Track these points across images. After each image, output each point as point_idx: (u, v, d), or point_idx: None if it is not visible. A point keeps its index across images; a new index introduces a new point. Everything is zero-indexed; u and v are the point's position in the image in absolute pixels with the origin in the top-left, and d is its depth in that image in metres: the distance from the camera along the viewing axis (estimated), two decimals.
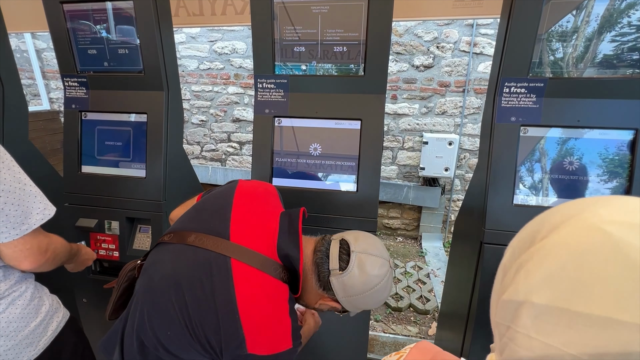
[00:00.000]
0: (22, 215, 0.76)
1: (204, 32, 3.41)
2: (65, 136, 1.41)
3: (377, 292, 0.73)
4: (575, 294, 0.26)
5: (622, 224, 0.26)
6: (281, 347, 0.65)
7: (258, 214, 0.75)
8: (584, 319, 0.25)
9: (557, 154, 1.08)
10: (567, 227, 0.29)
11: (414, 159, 3.34)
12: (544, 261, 0.28)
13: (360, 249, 0.73)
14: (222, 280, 0.65)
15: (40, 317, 0.87)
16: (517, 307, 0.29)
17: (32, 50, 3.82)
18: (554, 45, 1.04)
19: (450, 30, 2.90)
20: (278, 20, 1.14)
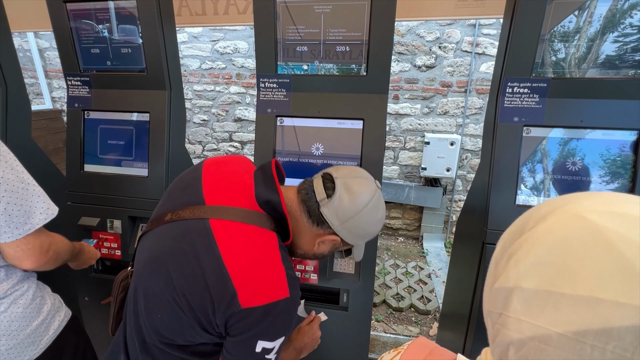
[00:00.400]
0: (25, 215, 0.76)
1: (206, 31, 3.41)
2: (68, 135, 1.41)
3: (371, 210, 0.72)
4: (561, 277, 0.27)
5: (602, 213, 0.28)
6: (277, 295, 0.61)
7: (230, 175, 0.73)
8: (568, 300, 0.26)
9: (560, 155, 1.08)
10: (553, 217, 0.31)
11: (415, 159, 3.34)
12: (532, 249, 0.30)
13: (343, 175, 0.72)
14: (203, 242, 0.62)
15: (42, 316, 0.87)
16: (508, 294, 0.31)
17: (35, 50, 3.83)
18: (557, 46, 1.03)
19: (452, 30, 2.89)
20: (280, 20, 1.14)
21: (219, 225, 0.63)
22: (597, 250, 0.26)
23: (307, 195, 0.72)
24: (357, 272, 1.22)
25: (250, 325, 0.60)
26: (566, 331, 0.26)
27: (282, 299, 0.62)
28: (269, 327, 0.62)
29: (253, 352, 0.62)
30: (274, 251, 0.65)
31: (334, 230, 0.71)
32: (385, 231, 3.65)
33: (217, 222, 0.64)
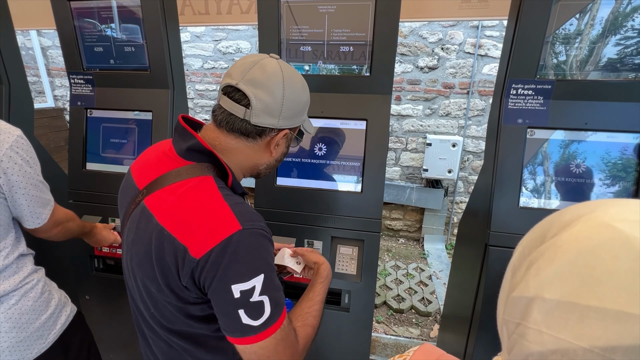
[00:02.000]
0: (41, 206, 0.87)
1: (209, 31, 3.41)
2: (71, 133, 1.41)
3: (289, 81, 0.66)
4: (586, 289, 0.26)
5: (632, 222, 0.27)
6: (226, 232, 0.57)
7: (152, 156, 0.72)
8: (595, 313, 0.25)
9: (564, 157, 1.08)
10: (578, 225, 0.30)
11: (417, 160, 3.33)
12: (555, 257, 0.29)
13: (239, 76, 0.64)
14: (145, 221, 0.63)
15: (50, 310, 0.89)
16: (528, 303, 0.30)
17: (38, 48, 3.84)
18: (561, 47, 1.03)
19: (455, 32, 2.89)
20: (284, 19, 1.14)
21: (152, 199, 0.64)
22: (626, 261, 0.25)
23: (230, 123, 0.66)
24: (359, 273, 1.22)
25: (213, 271, 0.57)
26: (593, 346, 0.25)
27: (234, 232, 0.58)
28: (234, 266, 0.57)
29: (233, 299, 0.57)
30: (210, 192, 0.62)
31: (277, 127, 0.67)
32: (386, 232, 3.65)
33: (150, 197, 0.64)
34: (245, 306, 0.58)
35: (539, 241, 0.32)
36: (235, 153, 0.69)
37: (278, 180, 1.25)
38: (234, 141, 0.68)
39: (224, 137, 0.68)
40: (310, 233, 1.23)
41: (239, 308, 0.58)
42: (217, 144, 0.68)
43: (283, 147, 0.74)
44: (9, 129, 0.83)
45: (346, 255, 1.24)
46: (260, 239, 0.61)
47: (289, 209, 1.23)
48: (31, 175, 0.84)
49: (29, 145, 0.86)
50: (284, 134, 0.70)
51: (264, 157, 0.72)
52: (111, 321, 1.54)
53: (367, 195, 1.18)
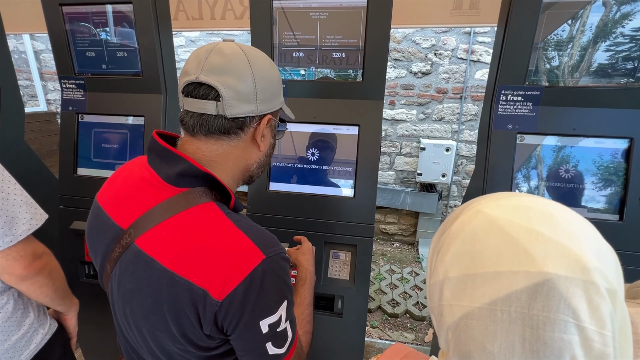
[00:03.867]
0: (4, 226, 0.71)
1: (204, 35, 3.42)
2: (62, 138, 1.40)
3: (258, 63, 0.58)
4: (473, 261, 0.34)
5: (494, 206, 0.36)
6: (250, 264, 0.51)
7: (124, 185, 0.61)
8: (480, 278, 0.33)
9: (553, 162, 1.09)
10: (462, 215, 0.38)
11: (411, 164, 3.35)
12: (451, 243, 0.37)
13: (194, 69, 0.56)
14: (141, 267, 0.53)
15: (23, 330, 0.82)
16: (440, 286, 0.36)
17: (31, 52, 3.81)
18: (550, 54, 1.05)
19: (448, 38, 2.93)
20: (277, 25, 1.15)
21: (147, 240, 0.54)
22: (493, 234, 0.34)
23: (204, 125, 0.57)
24: (352, 278, 1.22)
25: (240, 311, 0.51)
26: (482, 304, 0.32)
27: (258, 264, 0.51)
28: (261, 301, 0.52)
29: (262, 335, 0.53)
30: (219, 221, 0.54)
31: (258, 114, 0.59)
32: (381, 236, 3.65)
33: (143, 237, 0.54)
34: (273, 338, 0.55)
35: (441, 233, 0.40)
36: (223, 161, 0.60)
37: (271, 185, 1.25)
38: (215, 146, 0.59)
39: (204, 145, 0.58)
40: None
41: (267, 342, 0.55)
42: (200, 157, 0.58)
43: (269, 138, 0.66)
44: None
45: (339, 261, 1.24)
46: (283, 264, 0.56)
47: (282, 214, 1.23)
48: None
49: None
50: (267, 120, 0.61)
51: (252, 154, 0.64)
52: (101, 328, 1.51)
53: (359, 200, 1.18)
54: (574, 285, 0.29)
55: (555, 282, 0.29)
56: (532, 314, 0.30)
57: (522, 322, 0.30)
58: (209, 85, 0.55)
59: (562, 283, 0.29)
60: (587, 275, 0.29)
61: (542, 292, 0.29)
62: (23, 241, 0.75)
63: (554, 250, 0.31)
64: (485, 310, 0.32)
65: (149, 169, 0.59)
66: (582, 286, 0.29)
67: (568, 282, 0.29)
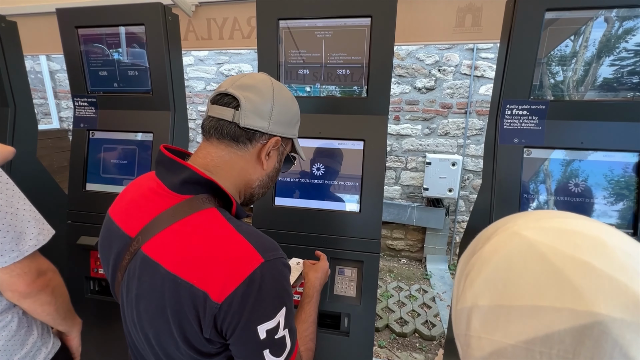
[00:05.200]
0: (11, 242, 0.71)
1: (212, 54, 3.52)
2: (72, 154, 1.43)
3: (280, 89, 0.66)
4: (507, 291, 0.30)
5: (534, 229, 0.32)
6: (249, 267, 0.52)
7: (134, 196, 0.65)
8: (515, 311, 0.29)
9: (562, 176, 1.08)
10: (495, 236, 0.34)
11: (417, 179, 3.33)
12: (482, 268, 0.33)
13: (229, 84, 0.63)
14: (148, 272, 0.56)
15: (26, 349, 0.81)
16: (469, 313, 0.33)
17: (46, 72, 3.96)
18: (555, 69, 1.05)
19: (451, 54, 2.97)
20: (283, 44, 1.18)
21: (152, 245, 0.56)
22: (532, 262, 0.29)
23: (218, 129, 0.62)
24: (359, 295, 1.19)
25: (238, 314, 0.52)
26: (517, 342, 0.28)
27: (257, 267, 0.53)
28: (259, 305, 0.53)
29: (259, 341, 0.53)
30: (220, 226, 0.56)
31: (268, 132, 0.64)
32: (388, 252, 3.59)
33: (149, 243, 0.57)
34: (271, 345, 0.55)
35: (470, 255, 0.36)
36: (228, 168, 0.63)
37: (276, 200, 1.25)
38: (224, 152, 0.63)
39: (214, 150, 0.63)
40: (309, 254, 1.21)
41: (265, 349, 0.54)
42: (209, 162, 0.63)
43: (274, 161, 0.69)
44: None
45: (345, 277, 1.22)
46: (282, 269, 0.57)
47: (287, 229, 1.22)
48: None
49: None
50: (275, 141, 0.65)
51: (256, 171, 0.67)
52: (105, 346, 1.49)
53: (365, 215, 1.17)
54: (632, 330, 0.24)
55: (608, 326, 0.25)
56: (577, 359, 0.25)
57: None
58: (233, 96, 0.62)
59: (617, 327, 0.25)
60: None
61: (591, 336, 0.25)
62: (28, 257, 0.75)
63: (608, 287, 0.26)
64: (521, 349, 0.27)
65: (156, 179, 0.63)
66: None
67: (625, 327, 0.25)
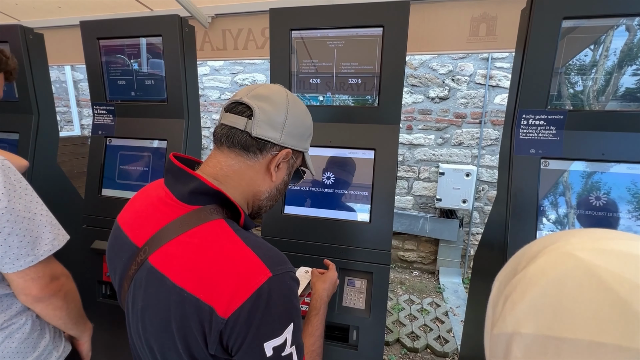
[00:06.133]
0: (27, 246, 0.72)
1: (227, 64, 3.60)
2: (90, 160, 1.47)
3: (294, 101, 0.66)
4: (559, 321, 0.26)
5: (592, 250, 0.28)
6: (257, 281, 0.51)
7: (143, 205, 0.64)
8: (569, 345, 0.25)
9: (582, 188, 1.03)
10: (544, 256, 0.31)
11: (430, 189, 3.28)
12: (527, 290, 0.30)
13: (244, 93, 0.63)
14: (154, 284, 0.55)
15: (38, 352, 0.82)
16: (508, 340, 0.30)
17: (70, 81, 4.14)
18: (574, 78, 1.02)
19: (465, 64, 2.94)
20: (296, 54, 1.19)
21: (159, 256, 0.56)
22: (591, 290, 0.26)
23: (230, 137, 0.61)
24: (368, 307, 1.16)
25: (245, 329, 0.50)
26: None
27: (265, 282, 0.51)
28: (267, 321, 0.51)
29: (265, 359, 0.52)
30: (228, 238, 0.55)
31: (279, 143, 0.63)
32: (399, 264, 3.52)
33: (156, 254, 0.56)
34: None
35: (511, 274, 0.33)
36: (237, 178, 0.63)
37: (286, 208, 1.25)
38: (234, 161, 0.62)
39: (224, 159, 0.62)
40: (318, 263, 1.20)
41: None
42: (218, 172, 0.62)
43: (284, 173, 0.69)
44: None
45: (354, 289, 1.19)
46: (290, 283, 0.55)
47: (296, 238, 1.21)
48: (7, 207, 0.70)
49: (8, 174, 0.72)
50: (286, 153, 0.65)
51: (264, 182, 0.66)
52: (115, 350, 1.50)
53: (375, 225, 1.15)
54: None
55: None
56: None
57: None
58: (247, 105, 0.61)
59: None
60: None
61: None
62: (43, 262, 0.76)
63: None
64: None
65: (164, 188, 0.62)
66: None
67: None
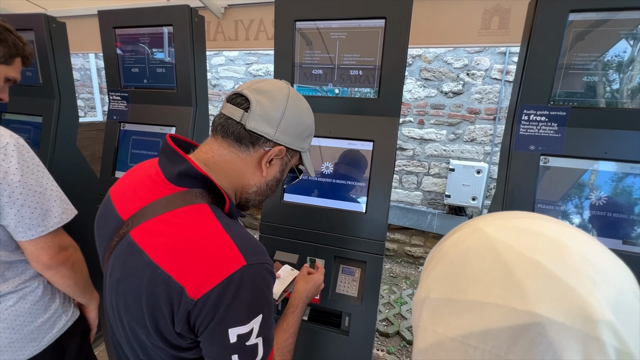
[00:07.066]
0: (38, 218, 0.79)
1: (242, 55, 3.65)
2: (105, 144, 1.56)
3: (295, 100, 0.66)
4: (457, 285, 0.29)
5: (497, 226, 0.31)
6: (230, 268, 0.52)
7: (135, 180, 0.65)
8: (460, 305, 0.28)
9: (583, 187, 1.01)
10: (459, 231, 0.34)
11: (439, 185, 3.24)
12: (439, 260, 0.33)
13: (247, 86, 0.64)
14: (132, 257, 0.56)
15: (49, 314, 0.89)
16: (421, 305, 0.33)
17: (94, 69, 4.31)
18: (580, 74, 0.99)
19: (481, 58, 2.87)
20: (298, 45, 1.21)
21: (140, 232, 0.57)
22: (487, 259, 0.29)
23: (225, 127, 0.62)
24: (360, 295, 1.19)
25: (212, 313, 0.51)
26: (456, 335, 0.28)
27: (238, 269, 0.52)
28: (234, 308, 0.52)
29: (228, 344, 0.53)
30: (208, 222, 0.56)
31: (273, 139, 0.63)
32: (406, 259, 3.52)
33: (138, 229, 0.57)
34: (240, 351, 0.54)
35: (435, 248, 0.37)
36: (227, 167, 0.64)
37: (285, 196, 1.28)
38: (226, 150, 0.63)
39: (217, 147, 0.63)
40: (314, 251, 1.24)
41: (233, 353, 0.54)
42: (209, 158, 0.63)
43: (276, 170, 0.69)
44: None
45: (348, 277, 1.22)
46: (265, 275, 0.56)
47: (294, 225, 1.25)
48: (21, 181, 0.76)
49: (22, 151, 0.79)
50: (279, 149, 0.65)
51: (254, 176, 0.66)
52: None
53: (371, 216, 1.17)
54: (571, 336, 0.24)
55: (545, 328, 0.24)
56: (508, 358, 0.25)
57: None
58: (246, 98, 0.62)
59: (555, 331, 0.24)
60: (590, 328, 0.24)
61: (526, 336, 0.24)
62: (52, 233, 0.83)
63: (554, 289, 0.25)
64: (458, 343, 0.27)
65: (156, 167, 0.63)
66: (581, 340, 0.24)
67: (563, 331, 0.24)
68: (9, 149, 0.76)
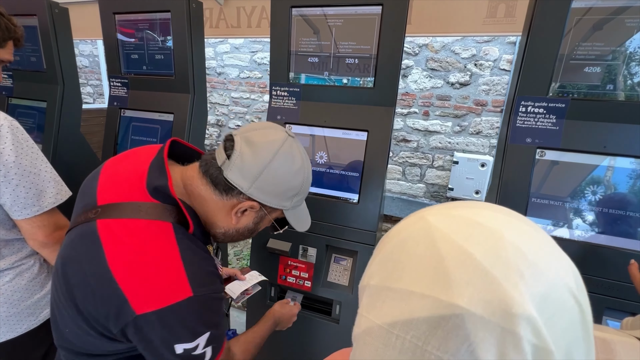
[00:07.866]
0: (33, 197, 0.82)
1: (247, 43, 3.62)
2: (106, 130, 1.58)
3: (284, 160, 0.62)
4: (393, 273, 0.29)
5: (438, 215, 0.31)
6: (175, 297, 0.53)
7: (127, 168, 0.65)
8: (392, 293, 0.28)
9: (580, 181, 0.99)
10: (405, 219, 0.34)
11: (443, 178, 3.21)
12: (382, 248, 0.32)
13: (244, 130, 0.63)
14: (91, 247, 0.56)
15: (45, 291, 0.93)
16: (362, 292, 0.33)
17: (102, 55, 4.34)
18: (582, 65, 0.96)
19: (490, 48, 2.78)
20: (294, 32, 1.20)
21: (106, 226, 0.57)
22: (422, 247, 0.28)
23: (207, 165, 0.63)
24: (351, 285, 1.20)
25: (152, 333, 0.53)
26: (383, 323, 0.28)
27: (183, 300, 0.53)
28: (177, 331, 0.54)
29: (174, 355, 0.56)
30: (168, 246, 0.56)
31: (246, 193, 0.62)
32: None
33: (105, 222, 0.57)
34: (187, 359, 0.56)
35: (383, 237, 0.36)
36: (201, 201, 0.64)
37: None
38: (203, 187, 0.63)
39: (198, 180, 0.64)
40: (306, 239, 1.25)
41: None
42: (189, 184, 0.64)
43: (249, 222, 0.68)
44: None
45: (340, 266, 1.24)
46: (210, 304, 0.58)
47: None
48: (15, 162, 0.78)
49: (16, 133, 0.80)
50: (252, 205, 0.63)
51: (225, 220, 0.66)
52: None
53: (363, 206, 1.17)
54: (487, 329, 0.23)
55: (464, 320, 0.24)
56: (425, 349, 0.25)
57: (412, 356, 0.25)
58: (234, 146, 0.62)
59: (473, 323, 0.24)
60: (507, 322, 0.23)
61: (444, 327, 0.24)
62: (47, 212, 0.86)
63: (479, 282, 0.25)
64: (384, 330, 0.27)
65: (147, 168, 0.64)
66: (498, 334, 0.23)
67: (481, 323, 0.24)
68: (3, 131, 0.77)
